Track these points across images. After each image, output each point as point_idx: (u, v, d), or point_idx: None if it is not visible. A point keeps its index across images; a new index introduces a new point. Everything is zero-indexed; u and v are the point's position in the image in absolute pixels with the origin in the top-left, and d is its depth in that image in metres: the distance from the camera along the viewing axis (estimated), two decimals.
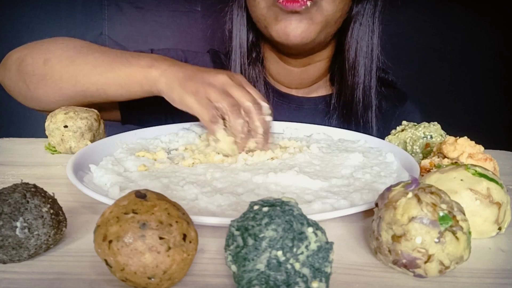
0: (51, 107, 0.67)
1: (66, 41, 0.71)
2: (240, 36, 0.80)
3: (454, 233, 0.31)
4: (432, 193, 0.32)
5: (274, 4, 0.70)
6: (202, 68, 0.63)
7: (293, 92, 0.87)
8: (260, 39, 0.83)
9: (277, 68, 0.85)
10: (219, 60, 0.88)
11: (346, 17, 0.77)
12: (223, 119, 0.58)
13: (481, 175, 0.38)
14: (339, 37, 0.81)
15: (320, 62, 0.83)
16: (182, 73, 0.60)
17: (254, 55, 0.82)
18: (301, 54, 0.79)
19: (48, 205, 0.33)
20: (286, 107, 0.86)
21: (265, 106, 0.59)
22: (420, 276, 0.32)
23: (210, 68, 0.63)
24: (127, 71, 0.64)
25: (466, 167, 0.39)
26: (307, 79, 0.86)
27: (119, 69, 0.64)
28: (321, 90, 0.88)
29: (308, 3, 0.68)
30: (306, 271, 0.27)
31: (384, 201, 0.34)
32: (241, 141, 0.57)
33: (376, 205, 0.35)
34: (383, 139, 0.64)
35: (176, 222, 0.29)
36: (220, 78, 0.58)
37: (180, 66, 0.62)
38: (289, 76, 0.85)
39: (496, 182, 0.38)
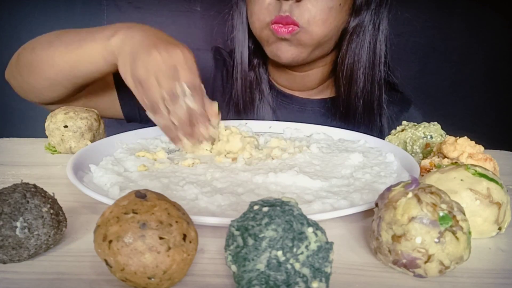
0: (44, 96, 0.69)
1: (53, 32, 0.71)
2: (241, 48, 0.81)
3: (454, 233, 0.31)
4: (432, 193, 0.32)
5: (267, 27, 0.71)
6: (152, 41, 0.57)
7: (297, 94, 0.87)
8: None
9: (279, 73, 0.85)
10: (221, 56, 0.89)
11: (345, 28, 0.76)
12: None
13: (481, 175, 0.38)
14: (341, 42, 0.81)
15: (322, 67, 0.83)
16: (135, 39, 0.58)
17: (255, 61, 0.82)
18: (300, 66, 0.80)
19: (48, 205, 0.33)
20: (289, 108, 0.86)
21: (187, 91, 0.54)
22: (420, 276, 0.32)
23: (161, 42, 0.57)
24: (92, 45, 0.63)
25: (466, 167, 0.39)
26: (310, 82, 0.86)
27: (86, 44, 0.63)
28: (325, 92, 0.88)
29: (296, 28, 0.69)
30: (306, 271, 0.27)
31: (384, 201, 0.34)
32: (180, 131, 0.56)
33: (376, 205, 0.35)
34: (383, 139, 0.64)
35: (176, 222, 0.29)
36: (154, 63, 0.54)
37: (136, 34, 0.59)
38: (292, 80, 0.85)
39: (496, 182, 0.38)
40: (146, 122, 0.69)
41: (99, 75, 0.67)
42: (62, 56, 0.65)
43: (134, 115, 0.82)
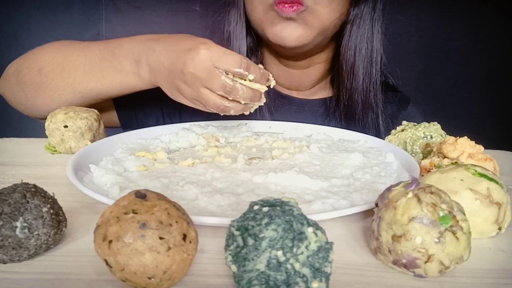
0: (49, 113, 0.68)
1: (53, 46, 0.71)
2: (239, 43, 0.80)
3: (454, 233, 0.31)
4: (432, 193, 0.32)
5: (271, 8, 0.70)
6: (175, 49, 0.58)
7: (294, 94, 0.87)
8: (259, 43, 0.83)
9: (277, 71, 0.85)
10: None
11: (345, 19, 0.77)
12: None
13: (481, 175, 0.38)
14: (338, 39, 0.81)
15: (319, 64, 0.83)
16: (163, 66, 0.59)
17: (253, 61, 0.82)
18: (299, 56, 0.79)
19: (48, 205, 0.33)
20: (287, 109, 0.86)
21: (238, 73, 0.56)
22: (420, 276, 0.32)
23: (184, 45, 0.58)
24: (118, 79, 0.65)
25: (466, 167, 0.39)
26: (307, 81, 0.86)
27: (111, 76, 0.65)
28: (322, 92, 0.89)
29: (300, 7, 0.68)
30: (306, 271, 0.27)
31: (384, 201, 0.34)
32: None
33: (376, 205, 0.35)
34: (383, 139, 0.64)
35: (176, 222, 0.29)
36: (190, 80, 0.56)
37: (158, 56, 0.60)
38: (289, 78, 0.85)
39: (496, 182, 0.38)
40: (143, 127, 0.69)
41: (130, 92, 0.68)
42: (83, 84, 0.66)
43: (131, 124, 0.83)
